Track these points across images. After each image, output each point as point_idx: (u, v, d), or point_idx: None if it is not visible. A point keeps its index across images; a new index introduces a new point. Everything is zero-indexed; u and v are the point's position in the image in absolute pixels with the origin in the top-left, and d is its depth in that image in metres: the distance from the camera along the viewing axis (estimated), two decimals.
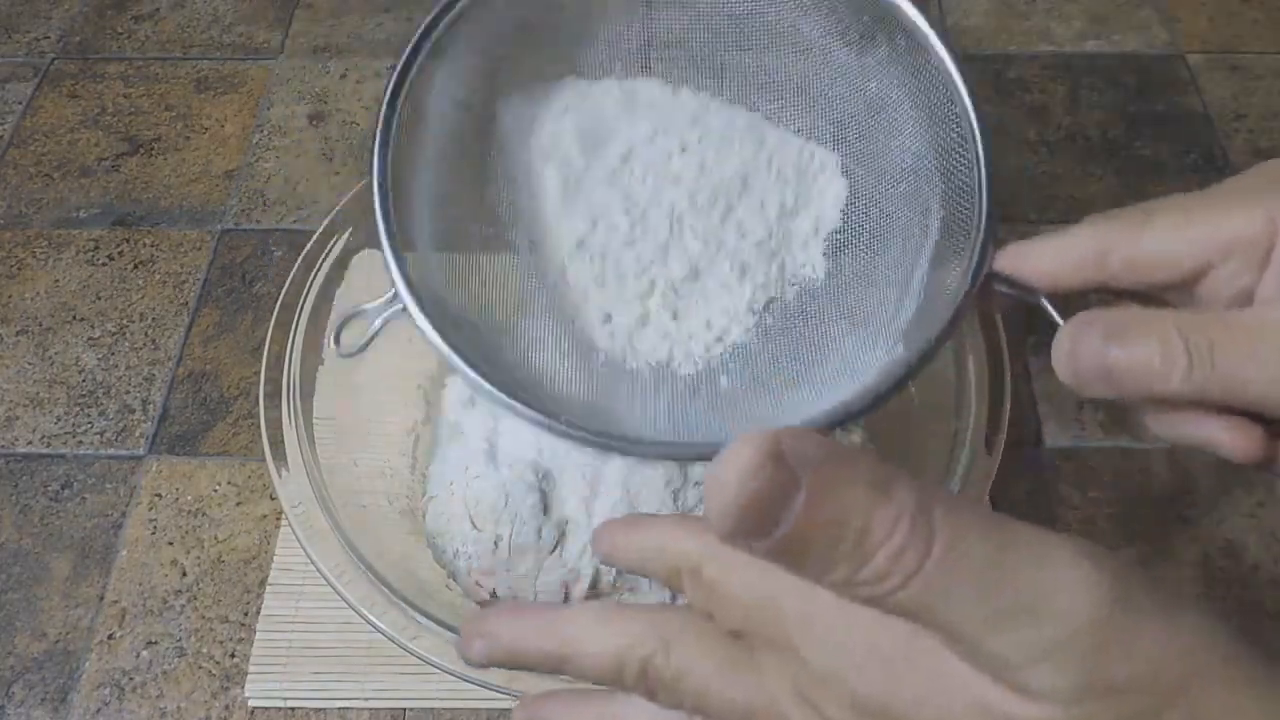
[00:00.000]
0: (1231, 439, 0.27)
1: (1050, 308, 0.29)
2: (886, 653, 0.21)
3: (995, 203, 0.31)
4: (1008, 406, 0.41)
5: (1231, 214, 0.27)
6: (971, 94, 0.32)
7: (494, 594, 0.43)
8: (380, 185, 0.31)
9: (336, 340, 0.31)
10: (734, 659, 0.23)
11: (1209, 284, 0.27)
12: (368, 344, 0.31)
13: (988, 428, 0.41)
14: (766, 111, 0.38)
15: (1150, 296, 0.29)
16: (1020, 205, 0.63)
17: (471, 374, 0.29)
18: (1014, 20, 0.74)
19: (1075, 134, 0.66)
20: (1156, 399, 0.27)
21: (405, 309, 0.29)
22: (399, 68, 0.32)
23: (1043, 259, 0.29)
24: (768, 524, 0.20)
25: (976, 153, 0.32)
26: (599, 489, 0.43)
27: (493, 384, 0.29)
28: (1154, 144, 0.66)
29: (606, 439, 0.28)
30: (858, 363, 0.33)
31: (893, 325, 0.33)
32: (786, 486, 0.19)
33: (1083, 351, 0.27)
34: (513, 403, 0.29)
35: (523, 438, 0.44)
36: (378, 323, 0.30)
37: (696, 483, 0.43)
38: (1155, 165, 0.65)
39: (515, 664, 0.26)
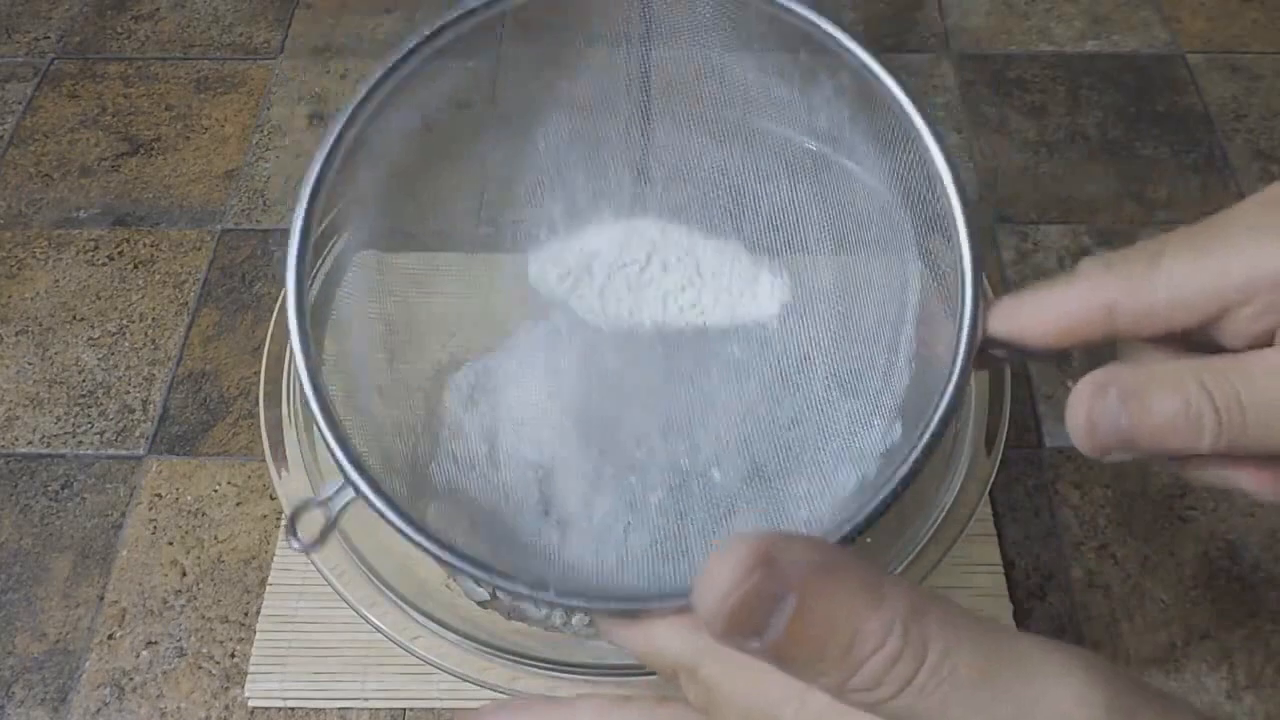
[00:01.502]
0: (1259, 481, 0.25)
1: (1053, 366, 0.27)
2: None
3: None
4: (1008, 407, 0.41)
5: (1247, 249, 0.24)
6: (932, 131, 0.29)
7: (494, 594, 0.43)
8: (309, 371, 0.30)
9: (294, 534, 0.29)
10: None
11: (1227, 325, 0.25)
12: (328, 536, 0.29)
13: (987, 428, 0.41)
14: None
15: (1162, 341, 0.27)
16: (1020, 205, 0.63)
17: (441, 554, 0.27)
18: (1014, 20, 0.74)
19: (1075, 134, 0.66)
20: (1183, 455, 0.25)
21: (359, 495, 0.28)
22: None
23: (1041, 317, 0.27)
24: (757, 627, 0.20)
25: (950, 202, 0.29)
26: (599, 489, 0.43)
27: (467, 561, 0.27)
28: (1154, 144, 0.66)
29: (604, 600, 0.27)
30: (856, 444, 0.32)
31: (886, 395, 0.32)
32: (776, 591, 0.19)
33: (1099, 420, 0.25)
34: (493, 578, 0.27)
35: (523, 438, 0.44)
36: (335, 513, 0.29)
37: (700, 476, 0.43)
38: (1155, 165, 0.65)
39: None
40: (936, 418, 0.27)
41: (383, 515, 0.28)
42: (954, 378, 0.28)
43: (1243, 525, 0.50)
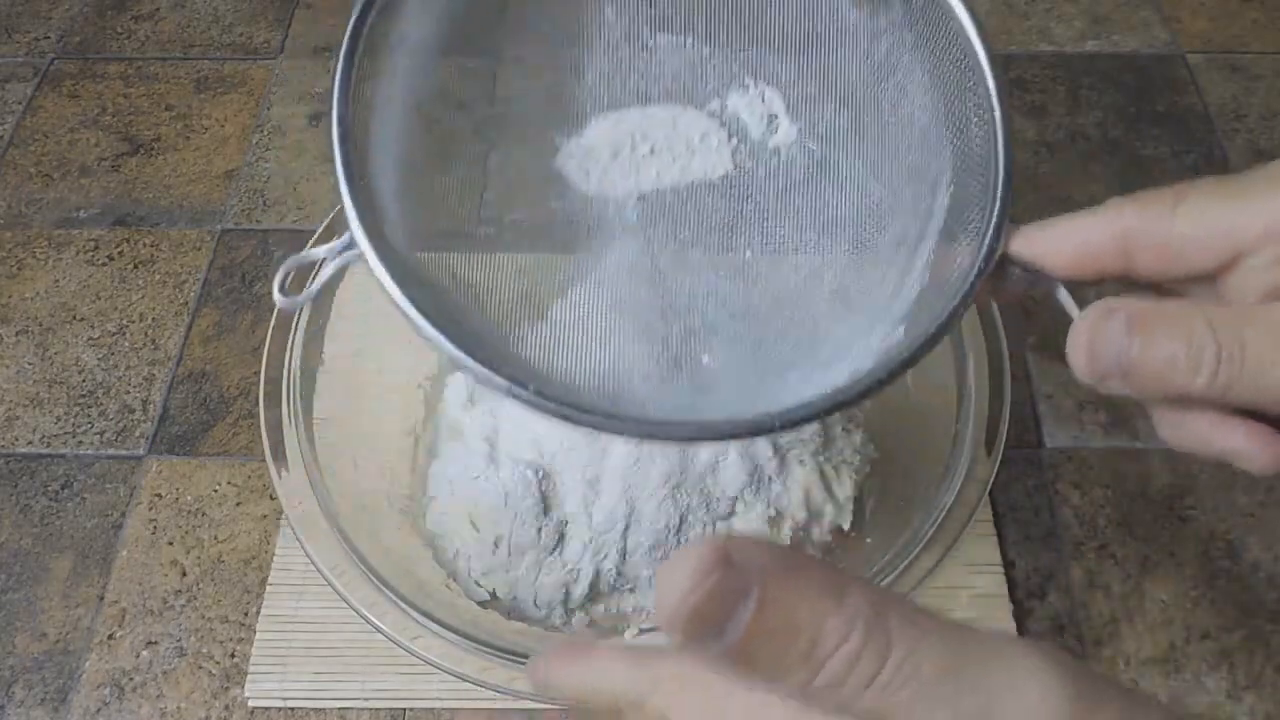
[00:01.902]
0: (1253, 448, 0.25)
1: (1067, 298, 0.27)
2: None
3: (1011, 174, 0.29)
4: (1008, 407, 0.41)
5: (1268, 201, 0.25)
6: (991, 62, 0.29)
7: (494, 594, 0.43)
8: (341, 124, 0.28)
9: (281, 289, 0.28)
10: None
11: (1236, 278, 0.25)
12: (317, 290, 0.28)
13: (987, 428, 0.41)
14: (764, 73, 0.36)
15: (1171, 290, 0.27)
16: (1020, 205, 0.62)
17: (430, 329, 0.26)
18: (1014, 20, 0.74)
19: (1075, 134, 0.66)
20: (1175, 399, 0.25)
21: (361, 254, 0.27)
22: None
23: (1062, 242, 0.27)
24: (719, 626, 0.19)
25: (994, 124, 0.29)
26: (599, 489, 0.43)
27: (455, 344, 0.26)
28: (1154, 144, 0.66)
29: (575, 410, 0.26)
30: (854, 348, 0.31)
31: (892, 308, 0.31)
32: (736, 591, 0.19)
33: (1102, 345, 0.25)
34: (473, 363, 0.26)
35: (523, 437, 0.44)
36: (329, 268, 0.28)
37: (703, 471, 0.43)
38: (1155, 165, 0.65)
39: None
40: (947, 312, 0.27)
41: (379, 281, 0.27)
42: (971, 275, 0.27)
43: (1243, 525, 0.50)
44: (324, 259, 0.28)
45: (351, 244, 0.27)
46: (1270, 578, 0.48)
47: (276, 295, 0.28)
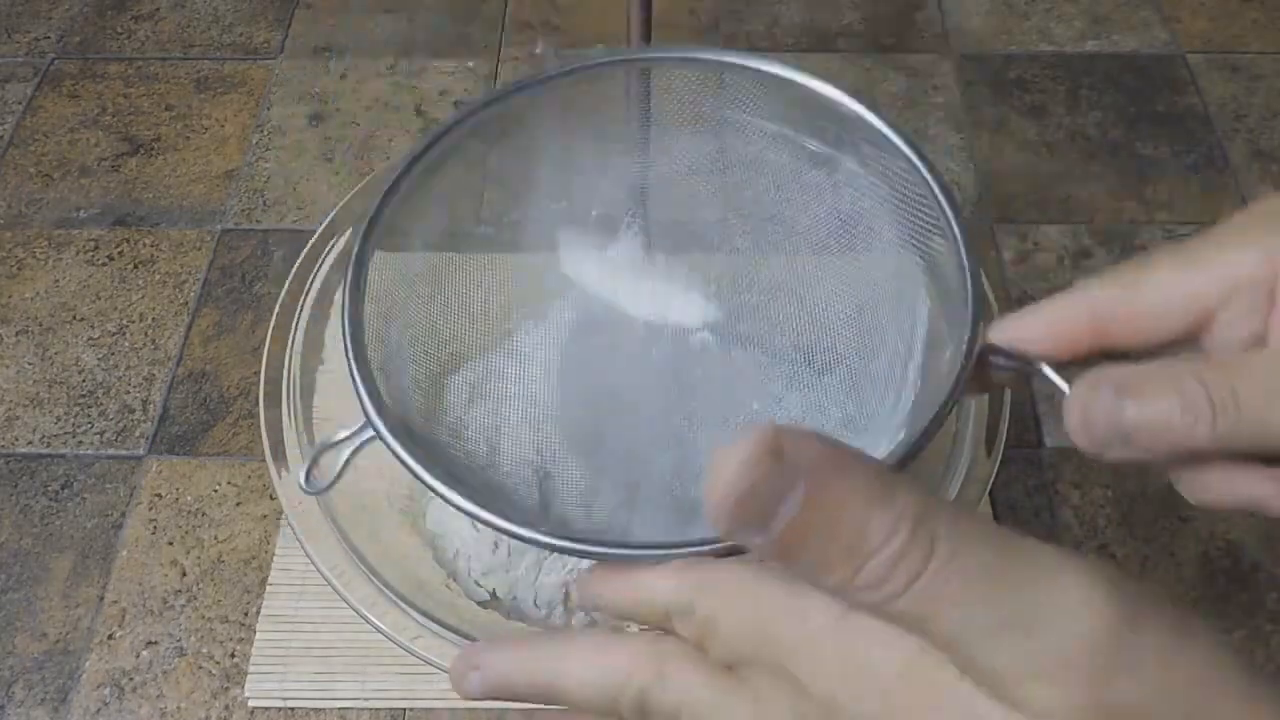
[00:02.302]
0: (1274, 491, 0.26)
1: (1053, 374, 0.28)
2: (884, 677, 0.21)
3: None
4: (1008, 406, 0.41)
5: (1228, 256, 0.26)
6: (939, 182, 0.31)
7: (494, 594, 0.43)
8: (352, 319, 0.30)
9: (307, 478, 0.30)
10: (731, 688, 0.23)
11: (1216, 333, 0.26)
12: (339, 477, 0.30)
13: (987, 428, 0.41)
14: (743, 244, 0.39)
15: (1152, 356, 0.27)
16: (1020, 205, 0.63)
17: (449, 494, 0.28)
18: (1014, 20, 0.74)
19: (1075, 134, 0.66)
20: (1183, 455, 0.25)
21: (377, 436, 0.29)
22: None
23: (1037, 328, 0.28)
24: (764, 518, 0.19)
25: (954, 234, 0.31)
26: (599, 489, 0.43)
27: (472, 501, 0.28)
28: (1154, 144, 0.66)
29: (599, 545, 0.27)
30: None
31: (893, 420, 0.33)
32: (784, 482, 0.19)
33: (1096, 414, 0.25)
34: (494, 519, 0.27)
35: (523, 438, 0.44)
36: (348, 454, 0.29)
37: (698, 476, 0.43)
38: (1155, 165, 0.65)
39: (511, 696, 0.26)
40: (934, 412, 0.28)
41: (397, 455, 0.28)
42: (951, 382, 0.28)
43: (1243, 525, 0.50)
44: (344, 439, 0.30)
45: (365, 427, 0.29)
46: (1270, 578, 0.48)
47: (302, 485, 0.30)
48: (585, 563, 0.43)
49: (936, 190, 0.31)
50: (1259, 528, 0.49)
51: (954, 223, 0.31)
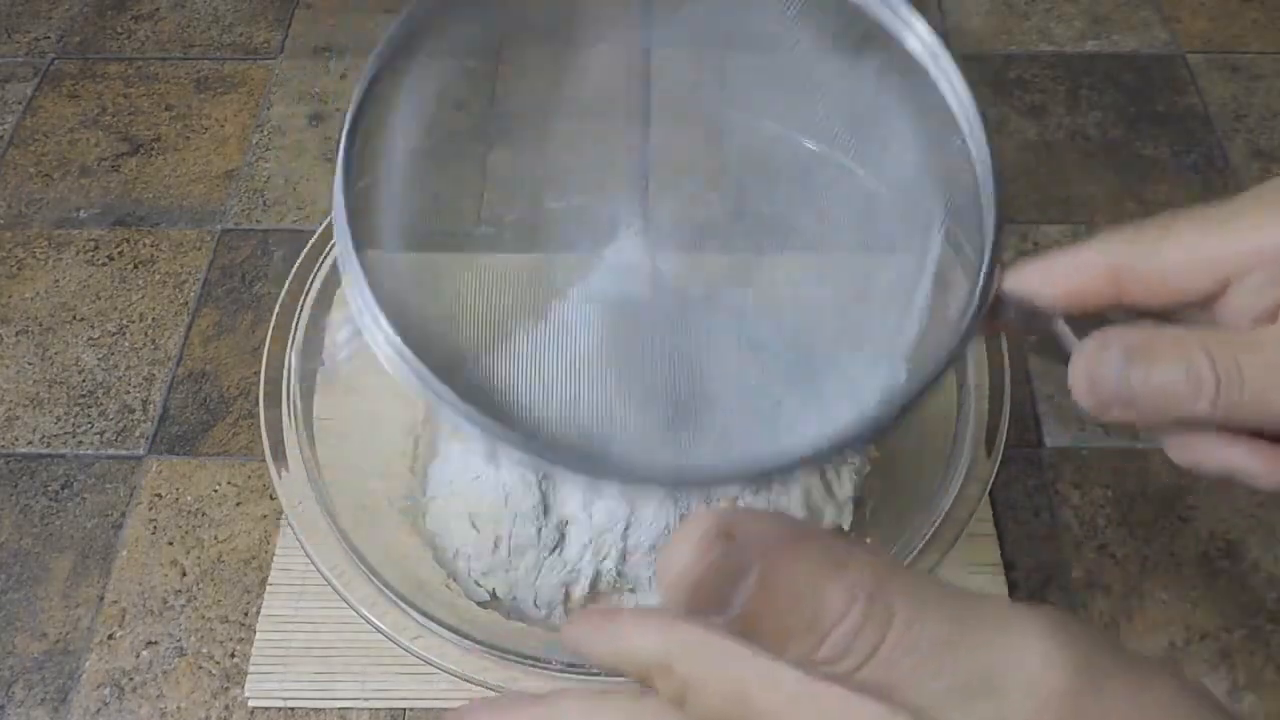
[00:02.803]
0: (1259, 466, 0.26)
1: (1065, 331, 0.28)
2: None
3: (1002, 215, 0.30)
4: (1008, 407, 0.41)
5: (1253, 225, 0.25)
6: (976, 102, 0.30)
7: (494, 594, 0.43)
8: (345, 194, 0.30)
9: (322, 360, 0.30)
10: None
11: (1230, 302, 0.26)
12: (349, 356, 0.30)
13: (987, 428, 0.41)
14: (759, 111, 0.37)
15: (1166, 317, 0.27)
16: (1020, 205, 0.63)
17: (444, 395, 0.27)
18: (1014, 20, 0.74)
19: (1075, 134, 0.66)
20: (1179, 424, 0.25)
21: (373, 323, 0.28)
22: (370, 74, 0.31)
23: (1054, 277, 0.28)
24: (721, 601, 0.20)
25: (984, 163, 0.30)
26: (599, 489, 0.43)
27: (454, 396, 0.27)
28: (1154, 144, 0.66)
29: (591, 462, 0.27)
30: (859, 387, 0.32)
31: (894, 347, 0.32)
32: (738, 565, 0.19)
33: (1102, 375, 0.25)
34: (491, 424, 0.27)
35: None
36: (351, 344, 0.29)
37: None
38: (1155, 165, 0.65)
39: None
40: (946, 354, 0.28)
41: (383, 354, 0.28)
42: (967, 318, 0.28)
43: (1243, 525, 0.50)
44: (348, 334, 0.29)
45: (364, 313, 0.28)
46: (1270, 578, 0.48)
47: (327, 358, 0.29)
48: (586, 569, 0.43)
49: (966, 101, 0.30)
50: (1259, 528, 0.49)
51: (977, 157, 0.29)
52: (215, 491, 0.51)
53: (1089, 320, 0.27)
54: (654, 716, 0.24)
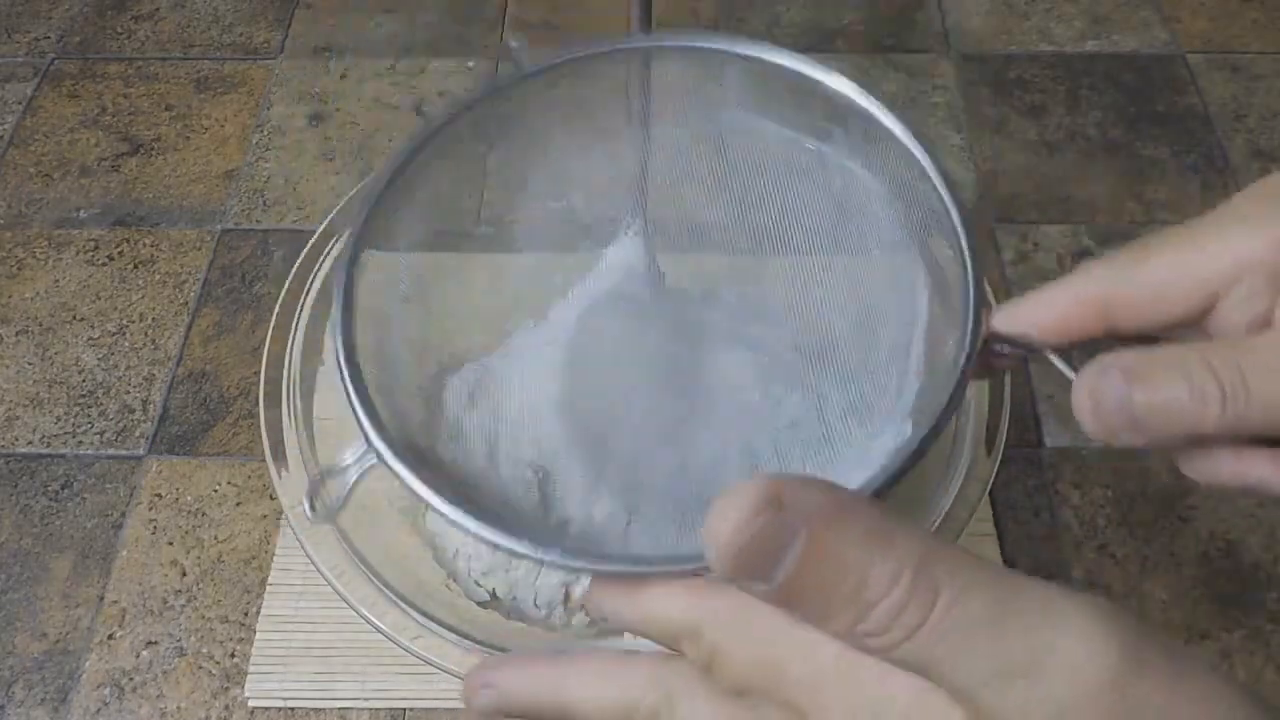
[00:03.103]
0: (1274, 468, 0.25)
1: (1058, 361, 0.28)
2: (890, 715, 0.21)
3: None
4: (1008, 406, 0.41)
5: (1233, 238, 0.25)
6: (939, 168, 0.31)
7: (494, 594, 0.43)
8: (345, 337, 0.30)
9: (312, 506, 0.29)
10: (738, 715, 0.23)
11: (1220, 316, 0.26)
12: (345, 503, 0.29)
13: (987, 428, 0.41)
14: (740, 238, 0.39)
15: (1160, 339, 0.27)
16: (1020, 205, 0.63)
17: (452, 512, 0.27)
18: (1014, 20, 0.74)
19: (1075, 134, 0.66)
20: (1191, 440, 0.25)
21: (380, 459, 0.29)
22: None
23: (1040, 313, 0.28)
24: (765, 569, 0.20)
25: (953, 220, 0.30)
26: (599, 489, 0.43)
27: (478, 519, 0.27)
28: (1154, 144, 0.66)
29: (607, 561, 0.27)
30: (868, 453, 0.33)
31: (897, 409, 0.33)
32: (784, 533, 0.19)
33: (1105, 401, 0.25)
34: (500, 539, 0.27)
35: (522, 438, 0.44)
36: (353, 479, 0.29)
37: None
38: (1155, 165, 0.65)
39: (521, 714, 0.26)
40: (943, 404, 0.28)
41: (401, 479, 0.28)
42: (957, 372, 0.28)
43: (1243, 525, 0.50)
44: (349, 465, 0.29)
45: (368, 452, 0.29)
46: (1270, 578, 0.48)
47: (307, 512, 0.29)
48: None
49: (934, 176, 0.31)
50: (1259, 528, 0.49)
51: (953, 210, 0.30)
52: (215, 491, 0.51)
53: (1082, 351, 0.27)
54: (680, 679, 0.24)
